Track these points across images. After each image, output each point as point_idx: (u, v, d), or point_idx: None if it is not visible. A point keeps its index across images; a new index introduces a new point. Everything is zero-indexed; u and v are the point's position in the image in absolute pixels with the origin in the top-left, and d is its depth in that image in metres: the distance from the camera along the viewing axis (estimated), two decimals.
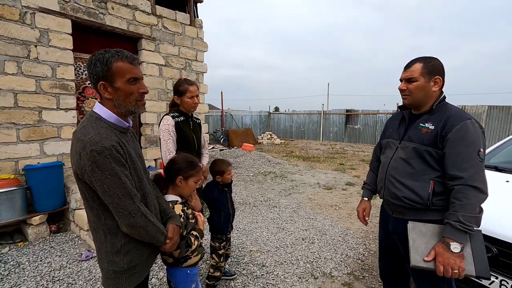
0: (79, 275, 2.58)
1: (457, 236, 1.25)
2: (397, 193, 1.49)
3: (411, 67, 1.46)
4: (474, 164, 1.28)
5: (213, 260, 2.26)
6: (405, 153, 1.49)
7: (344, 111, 14.99)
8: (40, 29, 3.57)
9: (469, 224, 1.23)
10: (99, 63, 1.13)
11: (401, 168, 1.49)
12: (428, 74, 1.42)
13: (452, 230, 1.26)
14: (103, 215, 1.15)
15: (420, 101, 1.48)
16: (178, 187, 1.56)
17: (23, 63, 3.47)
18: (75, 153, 1.09)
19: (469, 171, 1.27)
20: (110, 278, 1.18)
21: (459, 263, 1.24)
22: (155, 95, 4.98)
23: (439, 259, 1.27)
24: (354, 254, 3.04)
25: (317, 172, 7.46)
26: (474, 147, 1.29)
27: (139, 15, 4.61)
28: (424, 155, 1.42)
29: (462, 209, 1.25)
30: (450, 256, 1.25)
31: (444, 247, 1.27)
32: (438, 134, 1.37)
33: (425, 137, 1.42)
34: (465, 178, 1.27)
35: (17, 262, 2.81)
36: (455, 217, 1.26)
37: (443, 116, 1.38)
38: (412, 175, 1.45)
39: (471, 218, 1.24)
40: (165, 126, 2.09)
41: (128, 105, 1.20)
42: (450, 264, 1.24)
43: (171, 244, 1.30)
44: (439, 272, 1.27)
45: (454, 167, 1.31)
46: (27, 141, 3.55)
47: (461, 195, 1.27)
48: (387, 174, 1.56)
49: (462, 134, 1.31)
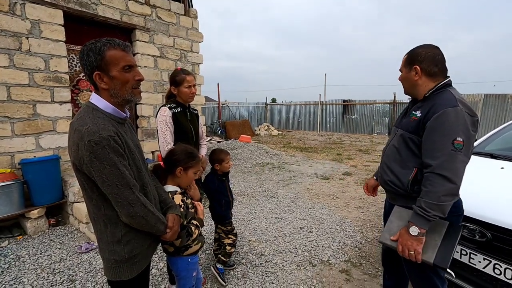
0: (79, 267, 2.59)
1: (417, 221, 1.29)
2: (385, 178, 1.57)
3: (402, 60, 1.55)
4: (446, 153, 1.26)
5: (230, 239, 2.40)
6: (396, 140, 1.53)
7: (341, 101, 14.99)
8: (31, 20, 3.49)
9: (429, 210, 1.25)
10: (92, 53, 1.11)
11: (391, 155, 1.55)
12: (409, 65, 1.47)
13: (413, 215, 1.32)
14: (102, 206, 1.15)
15: (409, 91, 1.54)
16: (178, 177, 1.56)
17: (15, 55, 3.40)
18: (73, 144, 1.08)
19: (439, 159, 1.27)
20: (112, 268, 1.19)
21: (415, 246, 1.30)
22: (151, 87, 4.93)
23: (399, 239, 1.36)
24: (351, 242, 3.09)
25: (314, 163, 7.50)
26: (450, 136, 1.27)
27: (132, 5, 4.51)
28: (408, 142, 1.45)
29: (426, 196, 1.28)
30: (408, 238, 1.31)
31: (406, 229, 1.34)
32: (420, 121, 1.39)
33: (410, 125, 1.44)
34: (434, 166, 1.28)
35: (17, 255, 2.82)
36: (419, 202, 1.30)
37: (431, 103, 1.38)
38: (400, 162, 1.49)
39: (434, 206, 1.25)
40: (162, 117, 2.07)
41: (125, 94, 1.18)
42: (407, 245, 1.31)
43: (172, 233, 1.31)
44: (398, 251, 1.36)
45: (427, 154, 1.34)
46: (22, 135, 3.52)
47: (428, 182, 1.29)
48: (382, 160, 1.64)
49: (440, 122, 1.29)
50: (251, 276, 2.43)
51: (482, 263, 1.78)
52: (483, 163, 2.54)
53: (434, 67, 1.43)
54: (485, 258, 1.76)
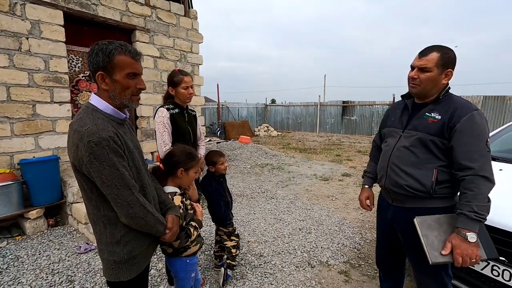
0: (78, 268, 2.59)
1: (472, 226, 1.26)
2: (400, 181, 1.48)
3: (427, 56, 1.40)
4: (484, 155, 1.30)
5: (233, 241, 2.38)
6: (409, 142, 1.48)
7: (341, 102, 15.01)
8: (31, 20, 3.49)
9: (482, 213, 1.26)
10: (101, 53, 1.12)
11: (404, 157, 1.49)
12: (443, 66, 1.39)
13: (467, 220, 1.27)
14: (102, 206, 1.15)
15: (428, 92, 1.46)
16: (179, 178, 1.57)
17: (15, 55, 3.40)
18: (72, 144, 1.09)
19: (479, 162, 1.29)
20: (111, 268, 1.19)
21: (476, 252, 1.27)
22: (151, 88, 4.94)
23: (457, 251, 1.28)
24: (350, 243, 3.09)
25: (313, 164, 7.50)
26: (482, 138, 1.32)
27: (132, 6, 4.52)
28: (428, 145, 1.42)
29: (475, 199, 1.27)
30: (468, 247, 1.26)
31: (461, 238, 1.28)
32: (445, 124, 1.38)
33: (431, 127, 1.42)
34: (476, 168, 1.29)
35: (15, 255, 2.81)
36: (469, 207, 1.27)
37: (450, 107, 1.39)
38: (416, 164, 1.45)
39: (483, 207, 1.26)
40: (160, 118, 2.08)
41: (123, 99, 1.19)
42: (469, 254, 1.26)
43: (171, 234, 1.31)
44: (457, 264, 1.28)
45: (464, 157, 1.32)
46: (22, 135, 3.52)
47: (473, 185, 1.28)
48: (390, 162, 1.56)
49: (470, 125, 1.32)
50: (249, 277, 2.43)
51: (481, 264, 1.78)
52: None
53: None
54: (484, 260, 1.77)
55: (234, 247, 2.38)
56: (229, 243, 2.38)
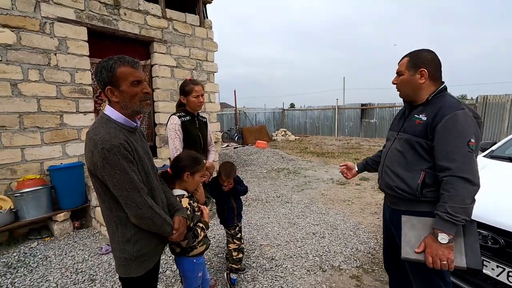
0: (99, 267, 2.75)
1: (445, 227, 1.24)
2: (390, 183, 1.52)
3: (400, 62, 1.54)
4: (463, 155, 1.26)
5: (234, 244, 2.41)
6: (400, 144, 1.51)
7: (359, 105, 14.72)
8: (58, 37, 3.79)
9: (457, 215, 1.22)
10: (104, 70, 1.23)
11: (395, 159, 1.52)
12: (413, 67, 1.45)
13: (440, 221, 1.26)
14: (114, 207, 1.26)
15: (409, 94, 1.52)
16: (185, 182, 1.65)
17: (45, 70, 3.70)
18: (88, 151, 1.20)
19: (458, 162, 1.26)
20: (122, 265, 1.29)
21: (447, 254, 1.24)
22: (168, 96, 5.14)
23: (428, 250, 1.28)
24: (365, 248, 3.05)
25: (331, 168, 7.41)
26: (464, 138, 1.27)
27: (150, 19, 4.77)
28: (415, 146, 1.43)
29: (451, 200, 1.24)
30: (438, 247, 1.25)
31: (433, 238, 1.27)
32: (429, 125, 1.37)
33: (417, 128, 1.43)
34: (453, 169, 1.26)
35: (44, 255, 3.03)
36: (443, 208, 1.25)
37: (436, 107, 1.38)
38: (405, 166, 1.47)
39: (460, 209, 1.22)
40: (172, 125, 2.20)
41: (134, 106, 1.29)
42: (439, 255, 1.25)
43: (177, 234, 1.39)
44: (428, 263, 1.27)
45: (443, 158, 1.31)
46: (51, 143, 3.79)
47: (450, 186, 1.26)
48: (384, 164, 1.61)
49: (451, 125, 1.30)
50: (260, 280, 2.47)
51: (496, 270, 1.72)
52: (500, 167, 2.44)
53: (438, 71, 1.47)
54: (499, 266, 1.70)
55: (235, 250, 2.40)
56: (231, 245, 2.41)
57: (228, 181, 2.25)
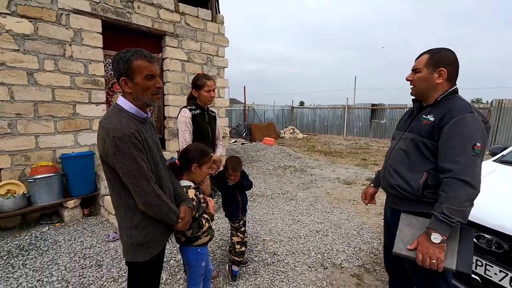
0: (106, 254, 2.84)
1: (439, 227, 1.25)
2: (392, 182, 1.52)
3: (419, 58, 1.49)
4: (467, 158, 1.26)
5: (238, 237, 2.45)
6: (405, 144, 1.51)
7: (370, 105, 14.55)
8: (74, 29, 3.87)
9: (452, 216, 1.22)
10: (121, 61, 1.28)
11: (398, 158, 1.52)
12: (433, 66, 1.42)
13: (434, 221, 1.27)
14: (123, 194, 1.30)
15: (423, 92, 1.48)
16: (193, 173, 1.69)
17: (60, 61, 3.79)
18: (101, 139, 1.25)
19: (460, 164, 1.26)
20: (129, 250, 1.34)
21: (437, 253, 1.25)
22: (178, 90, 5.20)
23: (419, 247, 1.30)
24: (368, 248, 3.05)
25: (338, 167, 7.39)
26: (469, 141, 1.27)
27: (163, 13, 4.82)
28: (420, 146, 1.42)
29: (448, 201, 1.24)
30: (430, 246, 1.26)
31: (426, 236, 1.29)
32: (435, 126, 1.37)
33: (423, 129, 1.42)
34: (454, 171, 1.26)
35: (54, 240, 3.14)
36: (439, 208, 1.26)
37: (444, 109, 1.37)
38: (409, 166, 1.46)
39: (456, 211, 1.22)
40: (183, 118, 2.24)
41: (145, 98, 1.34)
42: (429, 253, 1.26)
43: (183, 223, 1.43)
44: (418, 261, 1.30)
45: (445, 159, 1.31)
46: (63, 132, 3.90)
47: (448, 188, 1.26)
48: (387, 164, 1.61)
49: (458, 127, 1.29)
50: (262, 274, 2.51)
51: (498, 275, 1.71)
52: (510, 172, 2.41)
53: (455, 73, 1.45)
54: (501, 271, 1.69)
55: (238, 243, 2.44)
56: (235, 238, 2.46)
57: (235, 174, 2.29)
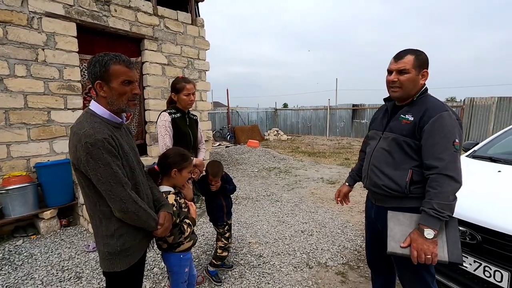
0: (86, 265, 2.73)
1: (431, 223, 1.30)
2: (378, 182, 1.54)
3: (403, 58, 1.45)
4: (449, 154, 1.33)
5: (222, 242, 2.42)
6: (387, 144, 1.53)
7: (351, 106, 14.89)
8: (46, 33, 3.73)
9: (442, 211, 1.28)
10: (98, 64, 1.24)
11: (382, 158, 1.54)
12: (419, 67, 1.45)
13: (426, 217, 1.31)
14: (98, 202, 1.26)
15: (409, 94, 1.49)
16: (173, 178, 1.66)
17: (32, 65, 3.64)
18: (72, 145, 1.21)
19: (444, 161, 1.32)
20: (106, 259, 1.29)
21: (432, 248, 1.29)
22: (159, 94, 5.11)
23: (413, 244, 1.33)
24: (352, 245, 3.11)
25: (321, 167, 7.49)
26: (449, 138, 1.34)
27: (141, 16, 4.73)
28: (403, 146, 1.46)
29: (436, 197, 1.30)
30: (424, 242, 1.30)
31: (419, 233, 1.33)
32: (416, 125, 1.42)
33: (404, 128, 1.46)
34: (440, 167, 1.32)
35: (30, 253, 2.99)
36: (430, 204, 1.31)
37: (422, 108, 1.43)
38: (392, 165, 1.50)
39: (445, 206, 1.29)
40: (162, 122, 2.20)
41: (120, 104, 1.30)
42: (424, 249, 1.30)
43: (162, 230, 1.40)
44: (413, 257, 1.32)
45: (430, 157, 1.36)
46: (38, 140, 3.73)
47: (436, 184, 1.32)
48: (370, 163, 1.62)
49: (438, 125, 1.35)
50: (248, 277, 2.50)
51: (473, 265, 1.78)
52: (481, 167, 2.52)
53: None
54: (476, 261, 1.77)
55: (221, 248, 2.42)
56: (219, 243, 2.44)
57: (216, 180, 2.26)
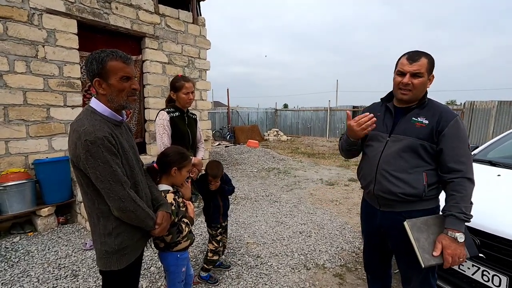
0: (83, 263, 2.72)
1: (460, 227, 1.32)
2: (392, 188, 1.45)
3: (418, 61, 1.39)
4: (469, 158, 1.38)
5: (212, 245, 2.38)
6: (399, 147, 1.46)
7: (351, 107, 14.88)
8: (47, 29, 3.72)
9: (468, 213, 1.32)
10: (95, 61, 1.23)
11: (395, 162, 1.46)
12: (429, 71, 1.43)
13: (456, 221, 1.31)
14: (96, 200, 1.25)
15: (417, 97, 1.46)
16: (173, 177, 1.65)
17: (32, 62, 3.63)
18: (72, 142, 1.20)
19: (466, 165, 1.36)
20: (103, 258, 1.28)
21: (463, 251, 1.33)
22: (159, 92, 5.10)
23: (447, 251, 1.31)
24: (350, 247, 3.10)
25: (320, 168, 7.49)
26: (466, 142, 1.39)
27: (142, 14, 4.72)
28: (418, 149, 1.42)
29: (463, 200, 1.32)
30: (457, 247, 1.31)
31: (451, 238, 1.31)
32: (433, 128, 1.41)
33: (420, 132, 1.43)
34: (464, 171, 1.35)
35: (26, 250, 2.97)
36: (458, 208, 1.31)
37: (436, 112, 1.43)
38: (406, 169, 1.44)
39: (469, 208, 1.33)
40: (160, 121, 2.19)
41: (120, 100, 1.30)
42: (457, 254, 1.31)
43: (160, 229, 1.39)
44: (447, 264, 1.31)
45: (451, 160, 1.37)
46: (36, 137, 3.72)
47: (461, 187, 1.34)
48: (379, 168, 1.50)
49: (456, 130, 1.38)
50: (245, 277, 2.49)
51: (471, 269, 1.77)
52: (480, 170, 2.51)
53: None
54: (474, 265, 1.76)
55: (211, 251, 2.38)
56: (210, 245, 2.39)
57: (215, 180, 2.24)
